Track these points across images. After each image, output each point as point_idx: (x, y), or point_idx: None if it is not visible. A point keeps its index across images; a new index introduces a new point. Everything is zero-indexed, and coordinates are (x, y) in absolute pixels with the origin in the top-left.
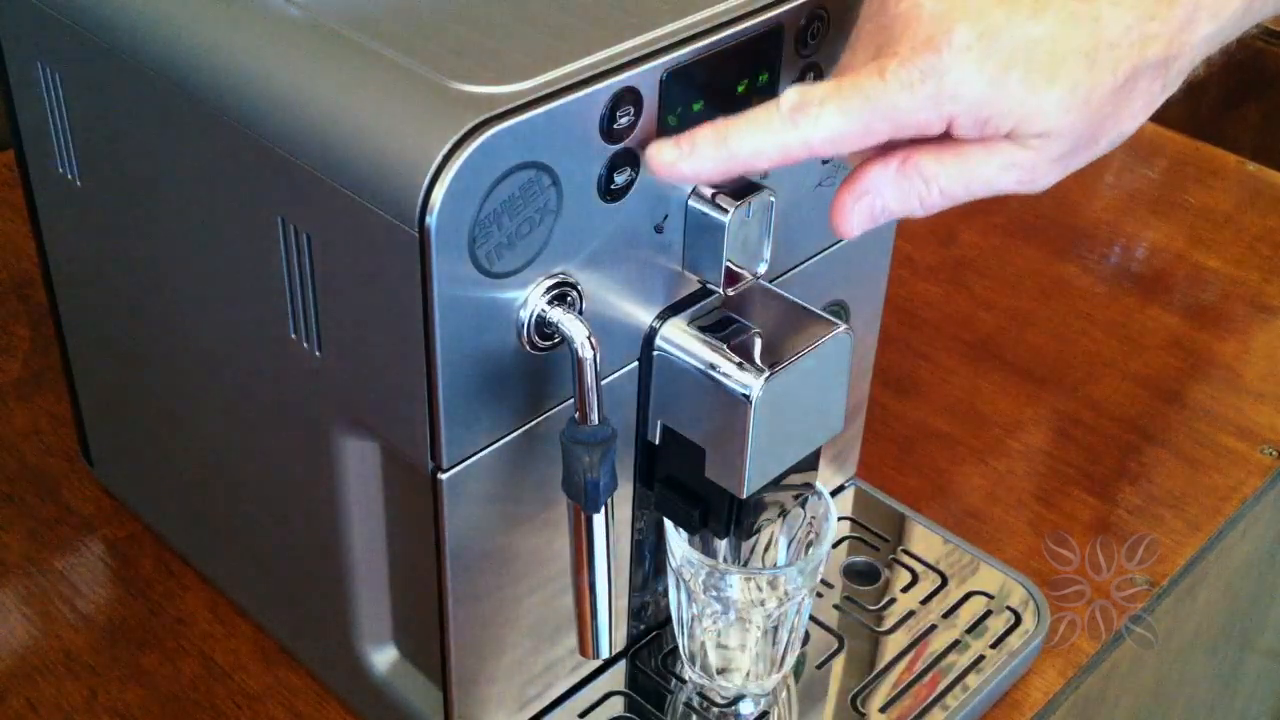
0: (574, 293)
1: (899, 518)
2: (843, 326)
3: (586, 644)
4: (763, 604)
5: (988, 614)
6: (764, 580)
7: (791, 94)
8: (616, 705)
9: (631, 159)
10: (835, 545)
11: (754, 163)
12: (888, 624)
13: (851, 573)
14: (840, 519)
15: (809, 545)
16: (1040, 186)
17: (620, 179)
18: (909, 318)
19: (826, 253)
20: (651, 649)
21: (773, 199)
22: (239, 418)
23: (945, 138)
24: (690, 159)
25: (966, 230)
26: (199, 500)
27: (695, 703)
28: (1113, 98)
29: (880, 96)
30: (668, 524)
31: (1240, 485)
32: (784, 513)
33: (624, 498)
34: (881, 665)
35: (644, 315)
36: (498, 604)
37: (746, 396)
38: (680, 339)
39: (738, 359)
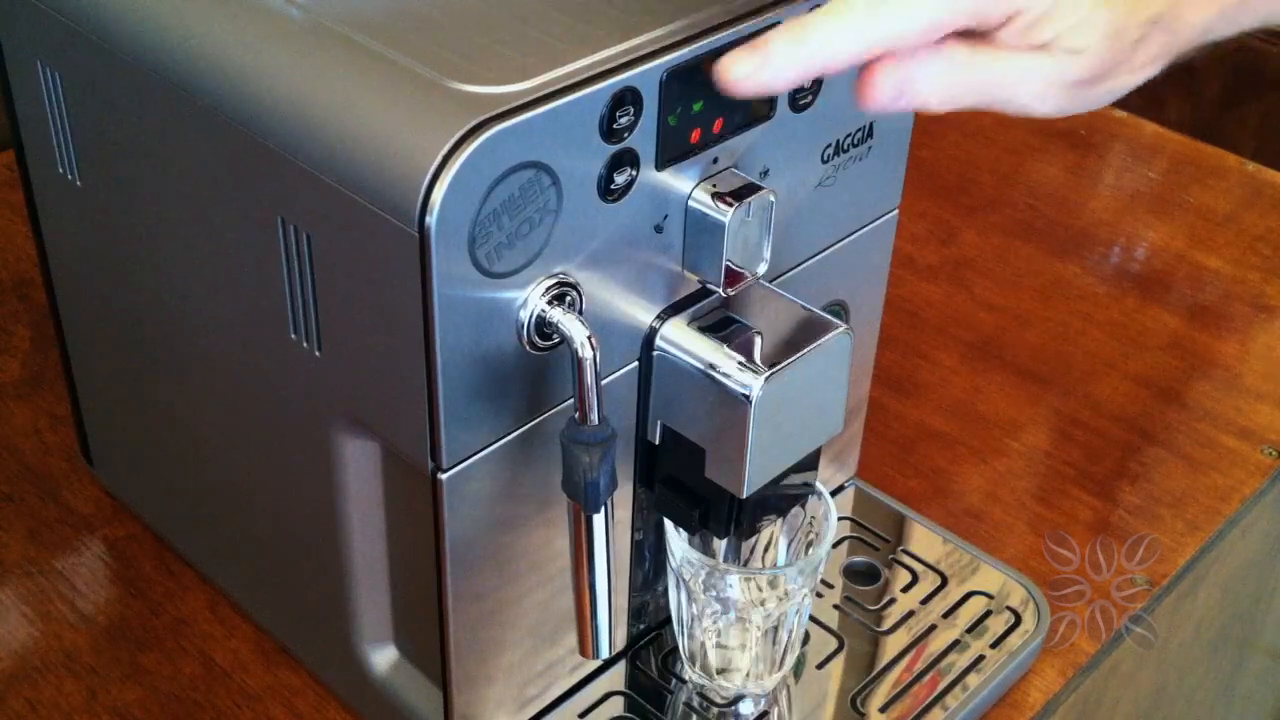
0: (574, 293)
1: (899, 518)
2: (843, 326)
3: (586, 644)
4: (763, 604)
5: (988, 614)
6: (764, 580)
7: None
8: (616, 705)
9: (631, 159)
10: (835, 545)
11: (830, 65)
12: (888, 624)
13: (851, 573)
14: (840, 519)
15: (809, 545)
16: (1046, 109)
17: (620, 179)
18: (909, 318)
19: (826, 253)
20: (651, 649)
21: (773, 199)
22: (239, 418)
23: (977, 37)
24: (767, 68)
25: (966, 230)
26: (199, 500)
27: (695, 703)
28: (1133, 44)
29: None
30: (668, 524)
31: (1240, 485)
32: (784, 513)
33: (624, 498)
34: (881, 665)
35: (644, 315)
36: (498, 604)
37: (746, 396)
38: (680, 339)
39: (738, 359)
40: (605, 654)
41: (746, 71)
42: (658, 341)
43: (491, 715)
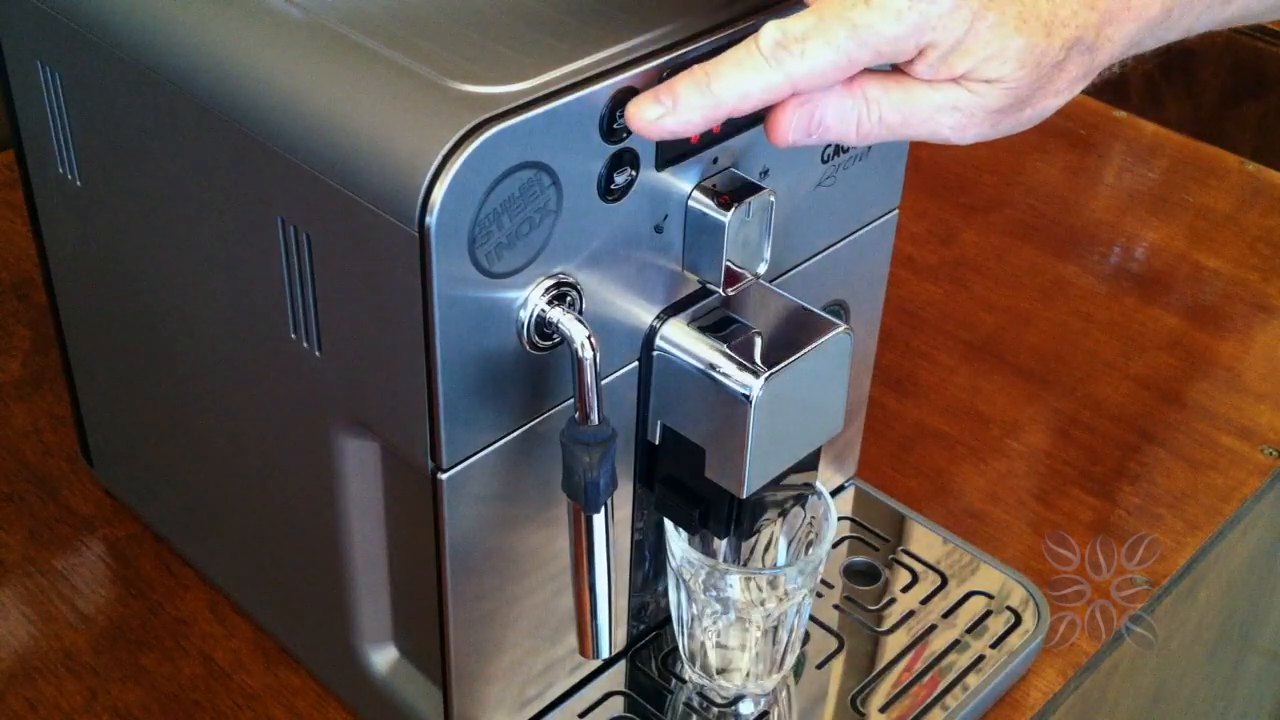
0: (574, 293)
1: (899, 518)
2: (843, 326)
3: (586, 644)
4: (763, 604)
5: (988, 614)
6: (764, 580)
7: (771, 30)
8: (616, 705)
9: (631, 159)
10: (835, 545)
11: (740, 107)
12: (888, 624)
13: (851, 573)
14: (840, 519)
15: (809, 545)
16: (967, 138)
17: (620, 179)
18: (909, 318)
19: (826, 253)
20: (651, 649)
21: (773, 199)
22: (239, 418)
23: (893, 71)
24: (675, 114)
25: (966, 230)
26: (199, 500)
27: (695, 703)
28: (1052, 68)
29: (867, 26)
30: (668, 524)
31: (1240, 485)
32: (784, 513)
33: (624, 498)
34: (881, 665)
35: (644, 315)
36: (498, 604)
37: (746, 396)
38: (680, 339)
39: (738, 359)
40: (605, 654)
41: (655, 116)
42: (658, 341)
43: (491, 715)
